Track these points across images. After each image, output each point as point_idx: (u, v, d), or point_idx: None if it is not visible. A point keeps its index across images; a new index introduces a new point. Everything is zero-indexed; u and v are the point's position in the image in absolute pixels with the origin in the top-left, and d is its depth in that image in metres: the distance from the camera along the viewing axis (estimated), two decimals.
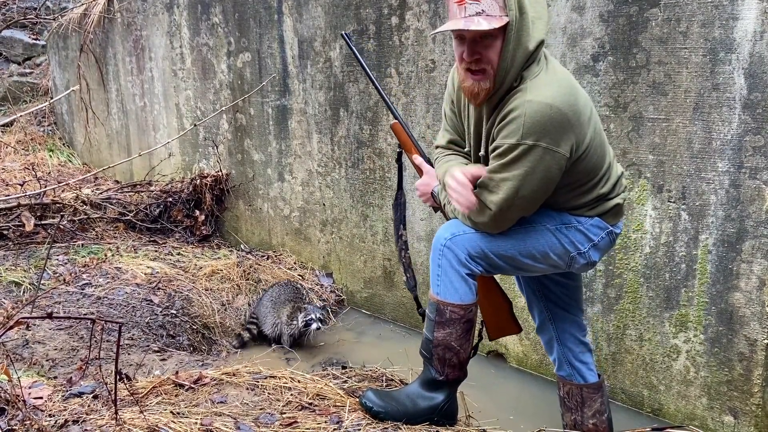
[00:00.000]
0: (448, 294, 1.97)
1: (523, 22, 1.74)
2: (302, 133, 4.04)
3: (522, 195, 1.81)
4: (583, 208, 1.97)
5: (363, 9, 3.50)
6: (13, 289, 3.38)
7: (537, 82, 1.77)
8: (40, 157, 6.05)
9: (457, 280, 1.96)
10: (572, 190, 1.94)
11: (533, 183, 1.79)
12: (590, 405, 2.25)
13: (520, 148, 1.75)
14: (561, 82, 1.80)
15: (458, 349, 2.03)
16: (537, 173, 1.77)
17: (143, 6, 4.94)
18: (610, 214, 2.00)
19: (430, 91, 3.29)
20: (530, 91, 1.75)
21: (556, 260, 1.99)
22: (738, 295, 2.48)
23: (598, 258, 2.04)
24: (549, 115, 1.72)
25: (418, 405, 2.07)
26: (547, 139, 1.73)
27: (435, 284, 2.01)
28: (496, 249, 1.95)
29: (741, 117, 2.36)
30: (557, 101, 1.73)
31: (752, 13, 2.28)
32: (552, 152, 1.75)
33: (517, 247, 1.96)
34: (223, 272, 3.99)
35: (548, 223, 1.97)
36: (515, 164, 1.77)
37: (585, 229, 1.98)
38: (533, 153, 1.75)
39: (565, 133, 1.75)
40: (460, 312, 1.98)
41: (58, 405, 2.06)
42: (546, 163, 1.76)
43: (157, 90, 5.05)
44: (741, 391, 2.53)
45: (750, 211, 2.40)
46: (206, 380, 2.30)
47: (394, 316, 3.81)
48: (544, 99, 1.73)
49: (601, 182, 1.95)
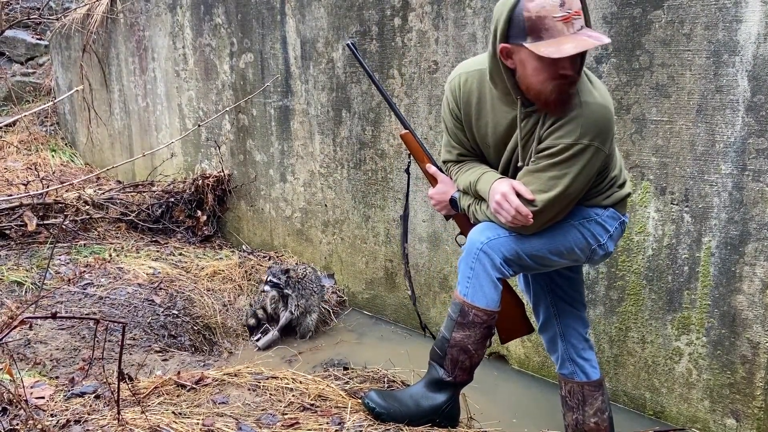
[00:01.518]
0: (476, 297, 1.98)
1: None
2: (304, 133, 4.04)
3: (569, 192, 1.88)
4: (598, 195, 2.02)
5: (366, 10, 3.50)
6: (15, 288, 3.38)
7: (586, 85, 1.85)
8: (43, 156, 6.06)
9: (487, 285, 1.97)
10: (594, 186, 2.01)
11: (581, 181, 1.87)
12: (591, 403, 2.25)
13: (575, 147, 1.82)
14: (599, 85, 1.89)
15: (473, 353, 2.04)
16: (585, 171, 1.86)
17: (146, 6, 4.95)
18: (622, 203, 2.07)
19: (433, 93, 3.29)
20: (582, 93, 1.82)
21: (579, 254, 2.04)
22: (741, 298, 2.48)
23: (612, 248, 2.10)
24: (604, 116, 1.82)
25: (421, 405, 2.07)
26: (600, 139, 1.83)
27: (464, 285, 2.00)
28: (530, 250, 1.98)
29: (744, 119, 2.36)
30: (608, 103, 1.85)
31: (756, 15, 2.27)
32: (601, 152, 1.85)
33: (548, 245, 1.99)
34: (224, 273, 3.99)
35: (571, 219, 2.01)
36: (568, 162, 1.84)
37: (602, 220, 2.03)
38: (587, 152, 1.83)
39: (611, 132, 1.87)
40: (483, 317, 1.99)
41: (60, 405, 2.06)
42: (594, 163, 1.86)
43: (159, 90, 5.05)
44: (743, 394, 2.52)
45: (753, 213, 2.40)
46: (208, 380, 2.30)
47: (395, 318, 3.81)
48: (602, 101, 1.83)
49: (611, 165, 2.01)
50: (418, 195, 3.48)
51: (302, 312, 3.57)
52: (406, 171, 2.40)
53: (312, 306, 3.60)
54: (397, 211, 3.61)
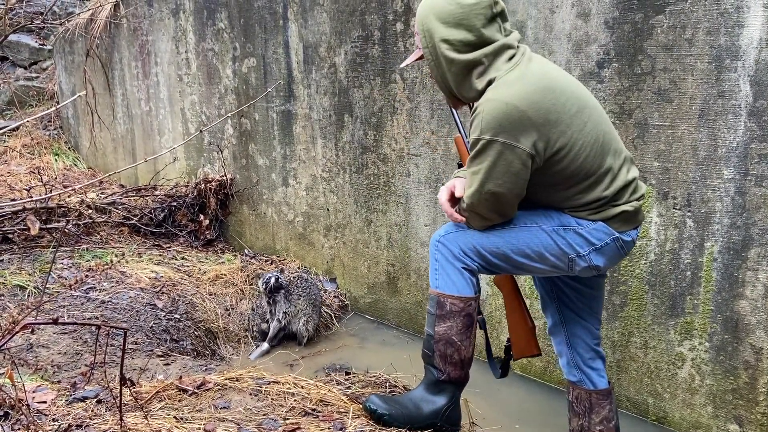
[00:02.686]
0: (446, 286, 2.02)
1: (437, 50, 1.89)
2: (307, 138, 4.04)
3: (487, 189, 1.87)
4: (584, 210, 1.97)
5: (368, 15, 3.51)
6: (18, 292, 3.39)
7: (502, 81, 1.85)
8: (46, 160, 6.07)
9: (453, 273, 2.02)
10: (562, 190, 1.95)
11: (496, 177, 1.85)
12: (598, 411, 2.24)
13: (480, 143, 1.84)
14: (527, 81, 1.83)
15: (459, 344, 2.04)
16: (498, 167, 1.84)
17: (149, 11, 4.96)
18: (616, 220, 1.98)
19: (435, 97, 3.30)
20: (491, 90, 1.85)
21: (554, 261, 2.00)
22: (743, 303, 2.47)
23: (603, 263, 2.01)
24: (504, 111, 1.79)
25: (422, 409, 2.07)
26: (505, 134, 1.80)
27: (433, 278, 2.06)
28: (487, 245, 2.00)
29: (747, 124, 2.36)
30: (514, 99, 1.79)
31: (758, 20, 2.27)
32: (511, 147, 1.81)
33: (508, 244, 1.99)
34: (226, 277, 4.00)
35: (544, 223, 1.99)
36: (479, 158, 1.87)
37: (586, 232, 1.97)
38: (492, 147, 1.83)
39: (525, 130, 1.80)
40: (459, 304, 2.01)
41: (62, 409, 2.06)
42: (506, 158, 1.83)
43: (162, 95, 5.07)
44: (746, 399, 2.51)
45: (756, 218, 2.39)
46: (210, 385, 2.30)
47: (397, 322, 3.80)
48: (501, 97, 1.80)
49: (600, 185, 1.93)
50: (420, 200, 3.48)
51: (290, 319, 3.56)
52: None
53: (299, 311, 3.56)
54: (399, 215, 3.62)
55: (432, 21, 1.88)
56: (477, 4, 1.85)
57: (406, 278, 3.69)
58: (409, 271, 3.66)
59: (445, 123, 3.27)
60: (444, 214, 2.34)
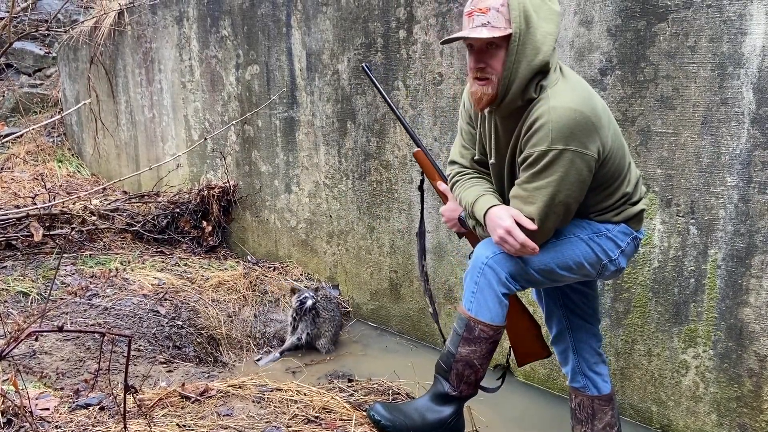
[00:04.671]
0: (481, 312, 1.97)
1: (529, 35, 1.79)
2: (309, 144, 4.05)
3: (559, 201, 1.84)
4: (609, 211, 2.00)
5: (371, 22, 3.52)
6: (21, 299, 3.39)
7: (556, 89, 1.82)
8: (50, 167, 6.09)
9: (492, 300, 1.96)
10: (599, 192, 1.97)
11: (568, 187, 1.83)
12: (601, 417, 2.24)
13: (550, 154, 1.79)
14: (578, 87, 1.86)
15: (478, 367, 2.03)
16: (570, 177, 1.81)
17: (153, 19, 4.99)
18: (635, 219, 2.04)
19: (438, 104, 3.30)
20: (552, 98, 1.81)
21: (589, 269, 2.01)
22: (747, 311, 2.46)
23: (625, 264, 2.07)
24: (574, 118, 1.77)
25: (426, 418, 2.06)
26: (576, 142, 1.78)
27: (468, 300, 2.00)
28: (537, 264, 1.96)
29: (750, 132, 2.36)
30: (579, 105, 1.79)
31: (761, 28, 2.28)
32: (581, 155, 1.80)
33: (555, 260, 1.98)
34: (229, 283, 4.00)
35: (580, 233, 2.00)
36: (547, 170, 1.81)
37: (613, 235, 2.01)
38: (564, 157, 1.79)
39: (591, 135, 1.80)
40: (489, 332, 1.98)
41: (65, 416, 2.06)
42: (577, 166, 1.81)
43: (165, 101, 5.09)
44: (750, 407, 2.50)
45: (759, 225, 2.39)
46: (212, 392, 2.30)
47: (400, 329, 3.80)
48: (568, 104, 1.78)
49: (624, 182, 1.99)
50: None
51: (311, 339, 3.57)
52: (419, 188, 2.41)
53: (322, 333, 3.58)
54: (402, 222, 3.62)
55: (529, 7, 1.79)
56: (559, 14, 1.88)
57: (408, 285, 3.68)
58: (411, 277, 3.65)
59: (448, 130, 3.28)
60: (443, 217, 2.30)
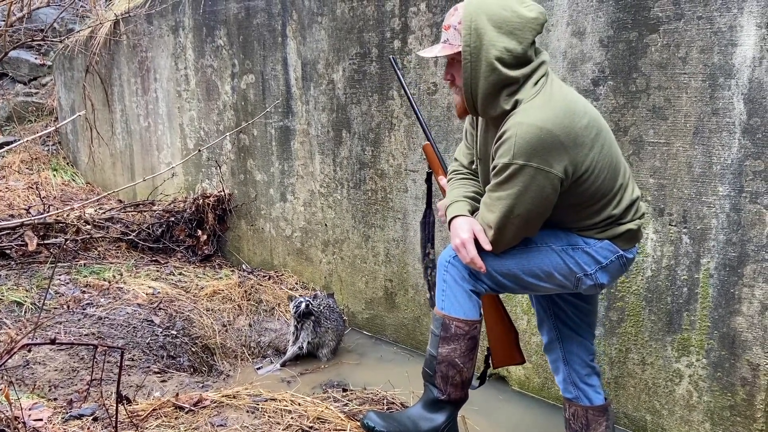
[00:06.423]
0: (453, 309, 2.00)
1: (482, 52, 1.82)
2: (305, 153, 4.06)
3: (517, 214, 1.85)
4: (592, 229, 1.99)
5: (366, 33, 3.54)
6: (15, 309, 3.38)
7: (530, 104, 1.82)
8: (44, 176, 6.08)
9: (461, 296, 2.00)
10: (579, 210, 1.95)
11: (527, 202, 1.83)
12: (595, 428, 2.24)
13: (511, 167, 1.80)
14: (555, 104, 1.82)
15: (461, 366, 2.03)
16: (530, 192, 1.82)
17: (149, 28, 5.00)
18: (621, 238, 2.00)
19: (432, 114, 3.32)
20: (522, 113, 1.81)
21: (561, 280, 2.00)
22: (740, 320, 2.48)
23: (607, 281, 2.04)
24: (538, 136, 1.77)
25: (420, 426, 2.06)
26: (538, 159, 1.78)
27: (440, 299, 2.04)
28: (499, 268, 1.99)
29: (741, 142, 2.38)
30: (547, 124, 1.78)
31: (751, 39, 2.30)
32: (544, 172, 1.80)
33: (520, 266, 1.99)
34: (224, 292, 3.99)
35: (553, 243, 1.99)
36: (508, 183, 1.83)
37: (593, 251, 1.98)
38: (524, 172, 1.80)
39: (556, 154, 1.79)
40: (464, 327, 2.00)
41: (58, 427, 2.05)
42: (539, 183, 1.81)
43: (161, 110, 5.09)
44: (744, 416, 2.51)
45: (751, 235, 2.41)
46: (206, 402, 2.29)
47: (395, 338, 3.80)
48: (534, 121, 1.78)
49: (611, 204, 1.96)
50: (418, 215, 3.49)
51: (312, 349, 3.58)
52: (426, 180, 2.41)
53: (324, 343, 3.59)
54: (397, 230, 3.63)
55: (483, 21, 1.81)
56: (535, 19, 1.83)
57: (404, 294, 3.69)
58: (407, 286, 3.66)
59: (443, 139, 3.29)
60: (442, 228, 2.33)
